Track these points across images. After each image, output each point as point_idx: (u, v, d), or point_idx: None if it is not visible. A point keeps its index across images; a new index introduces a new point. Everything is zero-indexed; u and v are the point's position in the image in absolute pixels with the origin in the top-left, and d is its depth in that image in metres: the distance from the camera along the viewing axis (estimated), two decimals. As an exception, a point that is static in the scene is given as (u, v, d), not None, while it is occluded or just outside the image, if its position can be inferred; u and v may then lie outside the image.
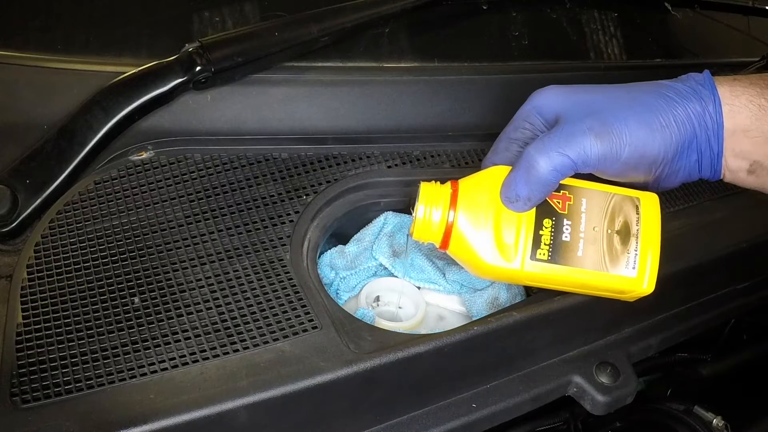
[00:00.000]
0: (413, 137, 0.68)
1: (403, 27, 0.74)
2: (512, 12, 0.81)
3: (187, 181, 0.60)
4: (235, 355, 0.48)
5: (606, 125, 0.48)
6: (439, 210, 0.51)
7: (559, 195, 0.51)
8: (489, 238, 0.50)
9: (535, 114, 0.53)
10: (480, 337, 0.53)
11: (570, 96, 0.51)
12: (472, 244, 0.51)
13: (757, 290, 0.76)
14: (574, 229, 0.51)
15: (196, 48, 0.61)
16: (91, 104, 0.59)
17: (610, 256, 0.51)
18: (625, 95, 0.50)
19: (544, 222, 0.50)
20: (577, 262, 0.50)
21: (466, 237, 0.51)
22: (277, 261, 0.55)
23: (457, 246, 0.51)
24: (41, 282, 0.52)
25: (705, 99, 0.49)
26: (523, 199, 0.49)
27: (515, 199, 0.50)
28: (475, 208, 0.51)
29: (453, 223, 0.51)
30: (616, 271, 0.51)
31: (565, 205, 0.51)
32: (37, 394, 0.45)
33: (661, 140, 0.48)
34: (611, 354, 0.61)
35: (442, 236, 0.52)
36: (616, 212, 0.51)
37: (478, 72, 0.75)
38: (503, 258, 0.50)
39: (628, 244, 0.51)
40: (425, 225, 0.51)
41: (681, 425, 0.70)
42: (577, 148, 0.48)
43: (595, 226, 0.51)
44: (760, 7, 0.99)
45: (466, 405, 0.56)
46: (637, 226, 0.51)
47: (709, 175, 0.51)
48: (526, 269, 0.50)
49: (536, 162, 0.48)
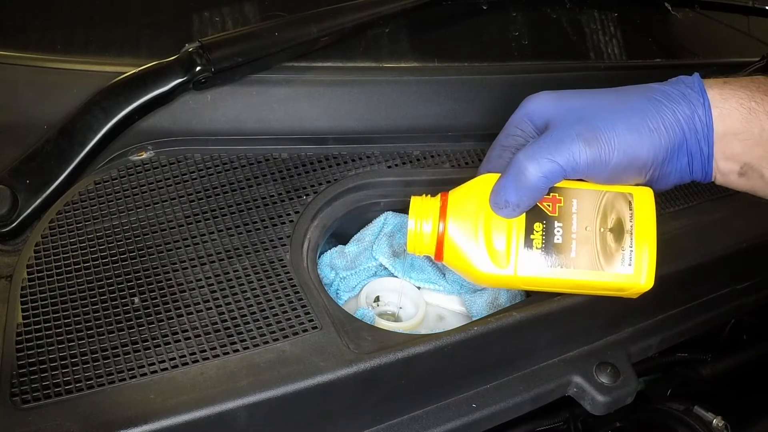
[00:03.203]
0: (413, 137, 0.68)
1: (403, 27, 0.74)
2: (512, 12, 0.81)
3: (187, 181, 0.60)
4: (235, 355, 0.48)
5: (595, 131, 0.48)
6: (429, 222, 0.51)
7: (549, 198, 0.51)
8: (481, 247, 0.51)
9: (526, 120, 0.53)
10: (480, 337, 0.53)
11: (560, 102, 0.51)
12: (464, 253, 0.51)
13: (757, 290, 0.76)
14: (566, 231, 0.51)
15: (196, 48, 0.61)
16: (91, 104, 0.59)
17: (605, 254, 0.50)
18: (614, 100, 0.50)
19: (534, 226, 0.50)
20: (570, 263, 0.50)
21: (459, 247, 0.51)
22: (277, 261, 0.55)
23: (450, 256, 0.52)
24: (41, 282, 0.52)
25: (694, 102, 0.49)
26: (513, 206, 0.49)
27: (504, 206, 0.50)
28: (464, 217, 0.51)
29: (444, 234, 0.51)
30: (612, 269, 0.51)
31: (556, 208, 0.51)
32: (37, 394, 0.45)
33: (650, 144, 0.48)
34: (611, 354, 0.61)
35: (435, 248, 0.52)
36: (608, 210, 0.51)
37: (478, 72, 0.75)
38: (496, 265, 0.50)
39: (622, 241, 0.51)
40: (417, 238, 0.52)
41: (681, 425, 0.70)
42: (566, 154, 0.48)
43: (587, 225, 0.51)
44: (760, 7, 0.99)
45: (466, 405, 0.56)
46: (630, 222, 0.51)
47: (700, 177, 0.51)
48: (519, 274, 0.50)
49: (525, 168, 0.48)
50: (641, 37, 0.90)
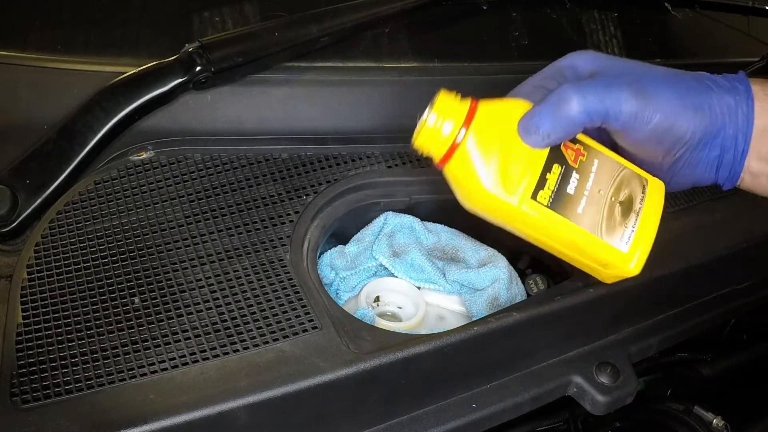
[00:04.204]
0: (413, 137, 0.68)
1: (403, 27, 0.74)
2: (512, 12, 0.81)
3: (187, 181, 0.60)
4: (235, 355, 0.48)
5: (643, 87, 0.48)
6: (451, 124, 0.48)
7: (574, 147, 0.50)
8: (494, 165, 0.48)
9: (569, 69, 0.52)
10: (480, 337, 0.53)
11: (610, 60, 0.51)
12: (475, 166, 0.48)
13: (757, 290, 0.76)
14: (580, 185, 0.49)
15: (196, 48, 0.61)
16: (91, 104, 0.59)
17: (608, 223, 0.50)
18: (665, 71, 0.50)
19: (553, 167, 0.49)
20: (574, 218, 0.49)
21: (471, 158, 0.48)
22: (277, 261, 0.55)
23: (457, 166, 0.49)
24: (41, 282, 0.52)
25: (741, 94, 0.49)
26: (543, 134, 0.47)
27: (534, 132, 0.48)
28: (488, 132, 0.48)
29: (462, 142, 0.48)
30: (610, 240, 0.50)
31: (578, 160, 0.50)
32: (37, 394, 0.45)
33: (692, 119, 0.48)
34: (611, 354, 0.61)
35: (445, 151, 0.49)
36: (623, 184, 0.50)
37: (478, 72, 0.75)
38: (504, 189, 0.48)
39: (627, 218, 0.50)
40: (432, 134, 0.48)
41: (681, 425, 0.70)
42: (614, 98, 0.47)
43: (601, 189, 0.50)
44: (760, 7, 0.99)
45: (466, 405, 0.56)
46: (640, 204, 0.50)
47: (725, 176, 0.51)
48: (523, 208, 0.48)
49: (570, 98, 0.47)
50: (641, 37, 0.90)
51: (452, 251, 0.65)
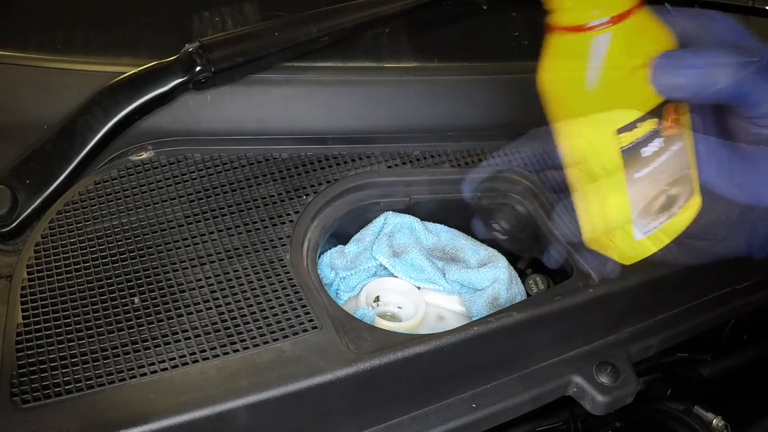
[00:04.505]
0: (413, 137, 0.68)
1: (403, 27, 0.74)
2: (512, 12, 0.81)
3: (187, 181, 0.60)
4: (235, 355, 0.48)
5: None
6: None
7: (675, 120, 0.45)
8: (601, 70, 0.42)
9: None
10: (480, 337, 0.53)
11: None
12: (619, 52, 0.42)
13: (757, 290, 0.76)
14: (655, 156, 0.45)
15: (196, 48, 0.61)
16: (91, 104, 0.59)
17: (645, 207, 0.46)
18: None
19: (648, 122, 0.44)
20: (630, 179, 0.45)
21: (627, 40, 0.42)
22: (277, 261, 0.55)
23: (623, 34, 0.42)
24: (41, 282, 0.52)
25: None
26: (674, 77, 0.41)
27: (667, 70, 0.41)
28: (627, 41, 0.42)
29: (625, 20, 0.42)
30: (635, 220, 0.46)
31: (669, 130, 0.45)
32: (37, 394, 0.45)
33: None
34: (611, 354, 0.61)
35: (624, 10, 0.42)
36: (680, 181, 0.47)
37: (478, 72, 0.75)
38: (604, 107, 0.43)
39: (661, 214, 0.47)
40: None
41: (681, 425, 0.70)
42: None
43: (665, 172, 0.46)
44: (760, 7, 0.99)
45: (466, 405, 0.56)
46: (677, 209, 0.48)
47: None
48: (605, 132, 0.44)
49: (735, 72, 0.41)
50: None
51: (452, 251, 0.65)
